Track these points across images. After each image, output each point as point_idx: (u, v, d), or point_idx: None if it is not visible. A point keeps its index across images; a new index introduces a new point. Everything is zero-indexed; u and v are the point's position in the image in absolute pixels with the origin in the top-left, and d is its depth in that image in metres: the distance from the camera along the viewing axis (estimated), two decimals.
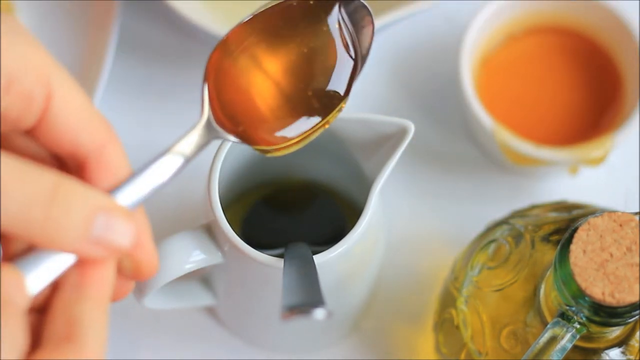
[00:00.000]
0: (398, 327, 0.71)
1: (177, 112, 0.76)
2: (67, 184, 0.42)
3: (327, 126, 0.53)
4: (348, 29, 0.54)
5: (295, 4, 0.53)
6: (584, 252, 0.52)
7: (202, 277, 0.66)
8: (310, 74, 0.53)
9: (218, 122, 0.51)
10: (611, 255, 0.52)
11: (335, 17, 0.53)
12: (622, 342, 0.57)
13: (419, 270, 0.72)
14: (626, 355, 0.57)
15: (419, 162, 0.75)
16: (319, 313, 0.48)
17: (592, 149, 0.70)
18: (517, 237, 0.61)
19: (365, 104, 0.76)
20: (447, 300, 0.64)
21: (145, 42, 0.78)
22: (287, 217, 0.69)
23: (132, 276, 0.47)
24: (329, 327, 0.68)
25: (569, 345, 0.54)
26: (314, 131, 0.53)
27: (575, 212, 0.62)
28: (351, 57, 0.53)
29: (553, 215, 0.62)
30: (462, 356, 0.62)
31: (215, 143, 0.58)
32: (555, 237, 0.60)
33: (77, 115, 0.45)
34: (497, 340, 0.60)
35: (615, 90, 0.73)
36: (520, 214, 0.64)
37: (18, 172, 0.41)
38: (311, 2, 0.53)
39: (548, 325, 0.55)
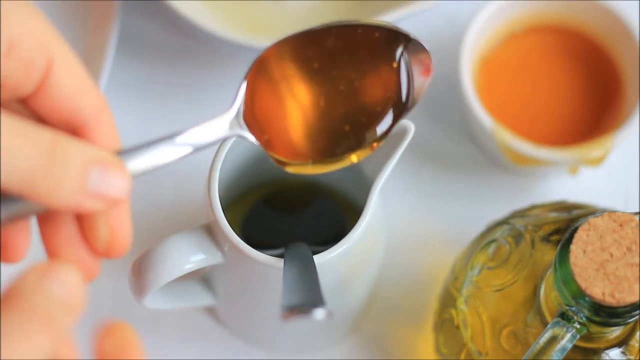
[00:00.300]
0: (398, 327, 0.71)
1: (177, 112, 0.76)
2: (64, 140, 0.43)
3: (353, 161, 0.52)
4: (406, 70, 0.52)
5: (360, 31, 0.51)
6: (584, 252, 0.52)
7: (202, 277, 0.66)
8: (355, 106, 0.52)
9: (245, 120, 0.50)
10: (611, 255, 0.52)
11: (397, 56, 0.52)
12: (622, 342, 0.57)
13: (419, 270, 0.72)
14: (626, 355, 0.57)
15: (419, 162, 0.75)
16: (319, 313, 0.48)
17: (592, 149, 0.70)
18: (517, 237, 0.61)
19: None
20: (447, 300, 0.64)
21: (145, 42, 0.78)
22: (287, 217, 0.69)
23: (104, 250, 0.47)
24: (329, 327, 0.68)
25: (569, 345, 0.54)
26: (336, 162, 0.52)
27: (575, 212, 0.62)
28: (401, 100, 0.52)
29: (553, 215, 0.62)
30: (462, 356, 0.62)
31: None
32: (555, 237, 0.60)
33: (77, 82, 0.45)
34: (497, 341, 0.60)
35: (615, 90, 0.73)
36: (520, 214, 0.64)
37: (18, 131, 0.41)
38: (377, 34, 0.51)
39: (548, 325, 0.55)
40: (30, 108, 0.46)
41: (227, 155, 0.59)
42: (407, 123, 0.58)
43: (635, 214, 0.53)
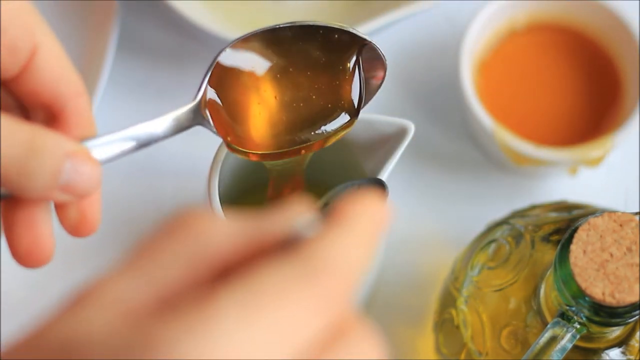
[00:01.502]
0: (398, 327, 0.71)
1: None
2: (41, 135, 0.43)
3: (304, 153, 0.54)
4: (359, 74, 0.54)
5: (321, 32, 0.53)
6: (584, 252, 0.52)
7: None
8: (310, 103, 0.54)
9: (209, 112, 0.52)
10: (611, 255, 0.52)
11: (351, 59, 0.54)
12: (622, 342, 0.57)
13: (419, 270, 0.72)
14: (626, 355, 0.57)
15: (419, 162, 0.75)
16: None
17: (592, 149, 0.70)
18: (517, 237, 0.61)
19: None
20: (447, 300, 0.64)
21: (145, 42, 0.78)
22: None
23: (72, 229, 0.48)
24: None
25: (569, 345, 0.54)
26: (289, 152, 0.54)
27: (575, 212, 0.62)
28: (352, 101, 0.54)
29: (553, 215, 0.62)
30: (462, 356, 0.62)
31: (217, 143, 0.58)
32: (555, 237, 0.60)
33: (59, 68, 0.46)
34: (497, 341, 0.60)
35: (615, 91, 0.73)
36: (520, 214, 0.64)
37: (2, 126, 0.42)
38: (336, 36, 0.53)
39: (548, 325, 0.55)
40: (9, 90, 0.46)
41: (227, 155, 0.59)
42: (407, 123, 0.58)
43: (635, 214, 0.53)
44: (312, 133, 0.54)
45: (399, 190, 0.74)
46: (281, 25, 0.53)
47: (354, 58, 0.54)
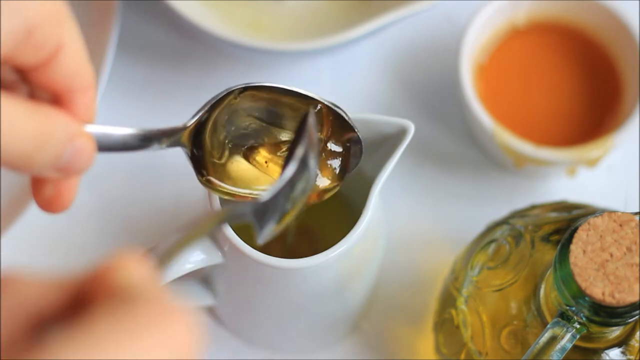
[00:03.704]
0: (398, 327, 0.71)
1: (177, 112, 0.76)
2: (50, 125, 0.44)
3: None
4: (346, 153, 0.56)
5: (319, 106, 0.55)
6: (584, 252, 0.52)
7: (202, 277, 0.66)
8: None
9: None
10: (611, 255, 0.52)
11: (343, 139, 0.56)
12: (622, 342, 0.57)
13: (419, 270, 0.72)
14: (626, 355, 0.57)
15: (419, 162, 0.75)
16: None
17: (592, 149, 0.70)
18: (517, 237, 0.61)
19: (365, 104, 0.76)
20: (447, 300, 0.64)
21: (145, 42, 0.78)
22: None
23: (44, 205, 0.49)
24: (329, 327, 0.68)
25: (569, 345, 0.54)
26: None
27: (575, 212, 0.62)
28: (335, 172, 0.56)
29: (553, 215, 0.62)
30: (462, 356, 0.62)
31: None
32: (555, 237, 0.60)
33: (77, 65, 0.46)
34: (497, 341, 0.60)
35: (615, 91, 0.73)
36: (520, 214, 0.64)
37: (19, 114, 0.43)
38: (331, 118, 0.55)
39: (548, 325, 0.55)
40: (23, 75, 0.46)
41: None
42: (407, 123, 0.58)
43: (635, 214, 0.53)
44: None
45: (398, 191, 0.74)
46: (279, 87, 0.55)
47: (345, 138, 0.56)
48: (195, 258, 0.59)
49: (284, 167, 0.53)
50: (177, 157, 0.75)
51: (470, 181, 0.75)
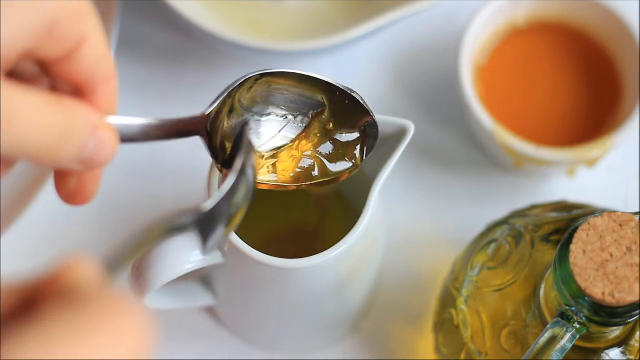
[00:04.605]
0: (398, 327, 0.71)
1: (177, 112, 0.75)
2: (73, 118, 0.44)
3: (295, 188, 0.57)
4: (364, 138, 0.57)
5: (338, 93, 0.56)
6: (584, 252, 0.52)
7: (202, 277, 0.66)
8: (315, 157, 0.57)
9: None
10: (611, 255, 0.52)
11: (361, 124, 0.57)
12: (622, 342, 0.57)
13: (419, 270, 0.72)
14: (626, 355, 0.57)
15: (419, 162, 0.75)
16: None
17: (592, 149, 0.70)
18: (517, 237, 0.61)
19: None
20: (447, 300, 0.64)
21: (145, 42, 0.78)
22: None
23: (68, 198, 0.49)
24: (329, 327, 0.68)
25: (569, 345, 0.54)
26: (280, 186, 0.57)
27: (575, 212, 0.62)
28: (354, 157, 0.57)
29: (553, 215, 0.62)
30: (462, 356, 0.62)
31: None
32: (555, 237, 0.60)
33: (98, 58, 0.46)
34: (497, 341, 0.60)
35: (615, 91, 0.73)
36: (520, 214, 0.64)
37: (42, 108, 0.43)
38: (348, 102, 0.56)
39: (548, 325, 0.55)
40: (44, 68, 0.46)
41: None
42: (407, 123, 0.58)
43: (635, 214, 0.53)
44: (314, 174, 0.57)
45: (398, 190, 0.74)
46: (306, 74, 0.55)
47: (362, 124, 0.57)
48: (195, 258, 0.59)
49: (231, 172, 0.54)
50: (177, 157, 0.75)
51: (470, 181, 0.75)
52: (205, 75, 0.77)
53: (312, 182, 0.57)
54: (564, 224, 0.61)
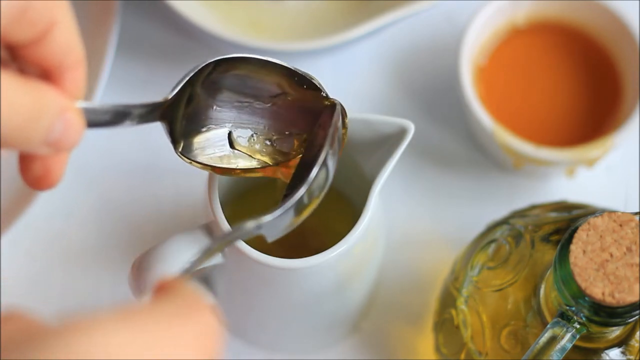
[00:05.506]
0: (398, 327, 0.71)
1: None
2: (42, 98, 0.44)
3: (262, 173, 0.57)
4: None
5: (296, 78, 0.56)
6: (584, 252, 0.52)
7: (202, 277, 0.66)
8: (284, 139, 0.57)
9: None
10: (611, 255, 0.52)
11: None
12: (622, 342, 0.57)
13: (419, 271, 0.72)
14: (626, 355, 0.57)
15: (418, 162, 0.75)
16: None
17: (592, 149, 0.70)
18: (517, 237, 0.61)
19: (365, 104, 0.76)
20: (447, 300, 0.64)
21: (145, 42, 0.78)
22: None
23: (32, 182, 0.49)
24: (329, 327, 0.68)
25: (569, 345, 0.54)
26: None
27: (575, 212, 0.62)
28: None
29: (553, 215, 0.62)
30: (462, 356, 0.62)
31: None
32: (555, 237, 0.60)
33: (68, 43, 0.47)
34: (497, 341, 0.60)
35: (615, 91, 0.73)
36: (520, 214, 0.64)
37: (16, 89, 0.43)
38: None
39: (548, 325, 0.55)
40: (13, 52, 0.46)
41: None
42: (407, 123, 0.58)
43: (635, 214, 0.53)
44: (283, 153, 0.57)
45: (398, 190, 0.74)
46: (270, 60, 0.55)
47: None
48: (195, 258, 0.59)
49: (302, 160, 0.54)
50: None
51: (470, 181, 0.75)
52: None
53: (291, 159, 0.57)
54: (564, 224, 0.61)
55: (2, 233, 0.70)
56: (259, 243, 0.59)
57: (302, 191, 0.51)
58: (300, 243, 0.68)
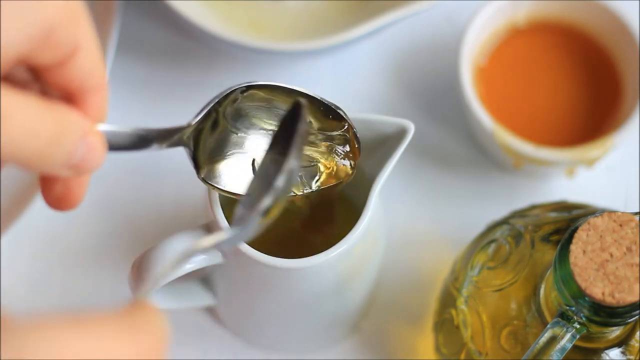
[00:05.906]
0: (398, 327, 0.71)
1: (177, 112, 0.76)
2: (64, 122, 0.44)
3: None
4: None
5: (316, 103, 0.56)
6: (584, 252, 0.52)
7: (202, 277, 0.66)
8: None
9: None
10: (611, 255, 0.52)
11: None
12: (622, 342, 0.57)
13: (419, 271, 0.72)
14: (626, 355, 0.57)
15: (418, 162, 0.75)
16: None
17: (592, 149, 0.70)
18: (517, 237, 0.61)
19: (365, 104, 0.76)
20: (447, 300, 0.64)
21: (145, 42, 0.78)
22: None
23: (54, 203, 0.49)
24: (329, 327, 0.68)
25: (569, 345, 0.54)
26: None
27: (575, 212, 0.62)
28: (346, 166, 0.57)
29: (553, 215, 0.62)
30: (462, 356, 0.62)
31: None
32: (555, 237, 0.60)
33: (91, 67, 0.47)
34: (497, 341, 0.60)
35: (615, 91, 0.73)
36: (520, 214, 0.64)
37: (34, 112, 0.43)
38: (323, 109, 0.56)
39: (548, 325, 0.55)
40: (36, 74, 0.46)
41: None
42: (407, 123, 0.58)
43: (635, 214, 0.53)
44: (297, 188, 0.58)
45: (398, 190, 0.74)
46: (289, 88, 0.55)
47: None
48: (195, 258, 0.59)
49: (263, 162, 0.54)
50: (177, 157, 0.75)
51: (470, 181, 0.75)
52: (205, 75, 0.77)
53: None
54: (564, 224, 0.61)
55: (2, 233, 0.70)
56: (259, 243, 0.59)
57: (266, 202, 0.50)
58: (301, 243, 0.68)
